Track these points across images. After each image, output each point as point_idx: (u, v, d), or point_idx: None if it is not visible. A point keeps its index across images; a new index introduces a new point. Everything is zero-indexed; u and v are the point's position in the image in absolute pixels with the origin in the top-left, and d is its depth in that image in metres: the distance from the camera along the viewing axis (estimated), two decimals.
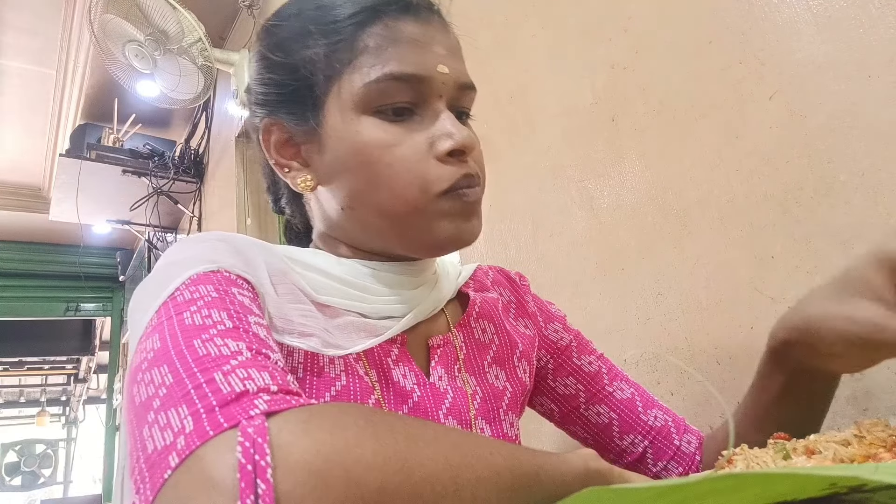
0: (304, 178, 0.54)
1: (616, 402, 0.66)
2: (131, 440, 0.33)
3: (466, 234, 0.53)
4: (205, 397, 0.32)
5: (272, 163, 0.56)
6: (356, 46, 0.51)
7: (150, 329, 0.39)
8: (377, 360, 0.52)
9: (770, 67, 0.76)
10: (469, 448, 0.33)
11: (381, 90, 0.50)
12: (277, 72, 0.55)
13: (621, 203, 0.97)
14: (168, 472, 0.29)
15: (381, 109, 0.50)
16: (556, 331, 0.69)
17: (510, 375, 0.61)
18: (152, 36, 2.13)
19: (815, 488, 0.22)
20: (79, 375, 6.24)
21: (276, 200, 0.64)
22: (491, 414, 0.57)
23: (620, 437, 0.65)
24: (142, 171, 2.91)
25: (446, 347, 0.58)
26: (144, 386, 0.35)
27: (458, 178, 0.51)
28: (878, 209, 0.65)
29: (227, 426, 0.30)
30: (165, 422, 0.31)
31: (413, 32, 0.51)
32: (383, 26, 0.51)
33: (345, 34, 0.51)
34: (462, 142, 0.50)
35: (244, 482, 0.27)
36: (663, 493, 0.22)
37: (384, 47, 0.50)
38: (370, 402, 0.49)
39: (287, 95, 0.54)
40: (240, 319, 0.39)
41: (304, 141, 0.54)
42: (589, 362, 0.68)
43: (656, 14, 0.93)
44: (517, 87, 1.21)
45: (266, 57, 0.56)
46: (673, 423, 0.66)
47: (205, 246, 0.47)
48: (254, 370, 0.34)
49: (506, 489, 0.33)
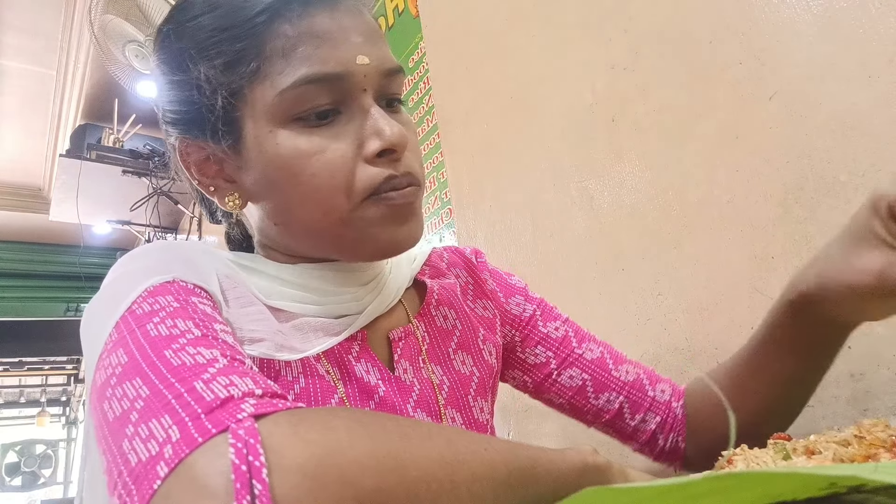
0: (231, 197, 0.51)
1: (587, 362, 0.65)
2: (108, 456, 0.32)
3: (403, 239, 0.50)
4: (188, 406, 0.31)
5: (195, 183, 0.53)
6: (262, 51, 0.46)
7: (112, 344, 0.37)
8: (338, 358, 0.50)
9: (770, 68, 0.76)
10: (464, 444, 0.33)
11: (297, 97, 0.46)
12: (180, 89, 0.50)
13: (621, 203, 0.97)
14: (157, 482, 0.28)
15: (302, 116, 0.46)
16: (518, 303, 0.68)
17: (477, 359, 0.60)
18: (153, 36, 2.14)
19: (815, 488, 0.22)
20: (79, 376, 6.24)
21: (211, 213, 0.61)
22: (460, 402, 0.57)
23: (596, 397, 0.65)
24: (142, 171, 2.91)
25: (408, 339, 0.56)
26: (117, 401, 0.33)
27: (381, 181, 0.47)
28: None
29: (216, 431, 0.29)
30: (148, 433, 0.30)
31: (322, 25, 0.46)
32: (288, 23, 0.46)
33: (246, 39, 0.46)
34: (391, 140, 0.46)
35: (239, 483, 0.27)
36: (663, 492, 0.22)
37: (293, 47, 0.46)
38: (333, 401, 0.48)
39: (196, 113, 0.49)
40: (207, 327, 0.38)
41: (224, 158, 0.50)
42: (555, 328, 0.67)
43: (656, 14, 0.93)
44: (517, 87, 1.21)
45: (164, 73, 0.51)
46: (645, 375, 0.66)
47: (152, 257, 0.45)
48: (235, 376, 0.33)
49: (502, 484, 0.33)
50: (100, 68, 2.64)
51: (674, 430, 0.64)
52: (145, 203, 3.00)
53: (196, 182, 0.52)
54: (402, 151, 0.48)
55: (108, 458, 0.32)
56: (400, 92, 0.52)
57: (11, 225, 4.12)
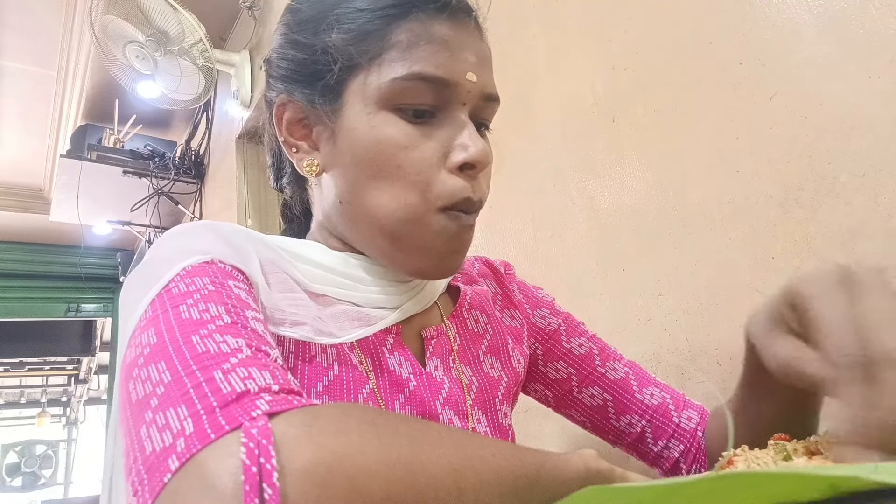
0: (310, 162, 0.53)
1: (609, 382, 0.65)
2: (128, 439, 0.33)
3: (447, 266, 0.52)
4: (204, 397, 0.31)
5: (281, 140, 0.54)
6: (386, 40, 0.49)
7: (145, 322, 0.38)
8: (372, 349, 0.51)
9: (770, 68, 0.76)
10: (472, 450, 0.33)
11: (406, 88, 0.48)
12: (300, 50, 0.53)
13: (622, 203, 0.97)
14: (168, 475, 0.28)
15: (402, 108, 0.49)
16: (544, 317, 0.69)
17: (505, 364, 0.61)
18: (153, 37, 2.14)
19: (815, 489, 0.22)
20: (79, 376, 6.24)
21: (277, 178, 0.62)
22: (487, 404, 0.57)
23: (617, 418, 0.64)
24: (142, 171, 2.91)
25: (440, 338, 0.57)
26: (141, 383, 0.34)
27: (460, 200, 0.49)
28: (879, 210, 0.65)
29: (229, 428, 0.29)
30: (164, 422, 0.31)
31: (446, 34, 0.50)
32: (417, 23, 0.49)
33: (376, 25, 0.49)
34: (476, 156, 0.49)
35: (248, 485, 0.26)
36: (663, 493, 0.22)
37: (415, 45, 0.48)
38: (364, 392, 0.48)
39: (307, 76, 0.52)
40: (237, 314, 0.39)
41: (317, 123, 0.53)
42: (579, 344, 0.67)
43: (657, 15, 0.93)
44: (517, 88, 1.21)
45: (290, 32, 0.54)
46: (672, 400, 0.65)
47: (195, 236, 0.46)
48: (254, 369, 0.33)
49: (508, 491, 0.33)
50: (100, 69, 2.64)
51: (697, 461, 0.63)
52: (146, 203, 3.00)
53: (282, 139, 0.54)
54: (482, 169, 0.51)
55: (127, 440, 0.33)
56: (490, 119, 0.55)
57: (12, 225, 4.12)
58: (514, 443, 0.50)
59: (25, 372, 5.94)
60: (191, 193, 3.12)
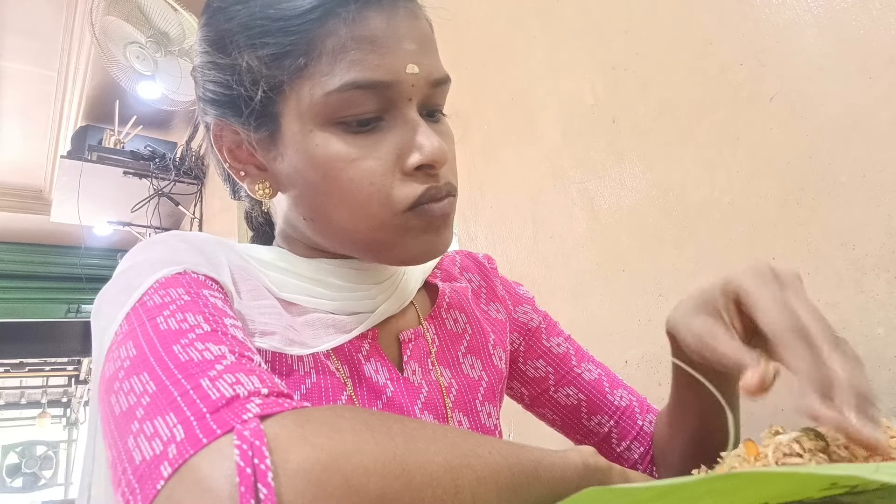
0: (261, 185, 0.50)
1: (584, 383, 0.65)
2: (113, 451, 0.32)
3: (435, 248, 0.50)
4: (193, 404, 0.31)
5: (226, 167, 0.52)
6: (312, 49, 0.45)
7: (122, 336, 0.37)
8: (348, 356, 0.50)
9: (771, 69, 0.76)
10: (468, 448, 0.33)
11: (343, 100, 0.45)
12: (221, 71, 0.48)
13: (622, 204, 0.97)
14: (161, 482, 0.28)
15: (344, 120, 0.45)
16: (526, 312, 0.68)
17: (486, 364, 0.60)
18: (153, 38, 2.14)
19: (815, 488, 0.22)
20: (80, 377, 6.24)
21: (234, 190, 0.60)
22: (468, 406, 0.56)
23: (588, 418, 0.65)
24: (143, 172, 2.92)
25: (418, 341, 0.56)
26: (124, 395, 0.33)
27: (421, 193, 0.47)
28: (879, 210, 0.65)
29: (221, 432, 0.29)
30: (152, 431, 0.30)
31: (377, 28, 0.45)
32: (343, 23, 0.44)
33: (297, 34, 0.45)
34: (432, 156, 0.46)
35: (244, 486, 0.26)
36: (663, 493, 0.22)
37: (345, 49, 0.44)
38: (342, 398, 0.48)
39: (235, 99, 0.48)
40: (216, 322, 0.38)
41: (259, 147, 0.49)
42: (557, 344, 0.67)
43: (657, 15, 0.93)
44: (517, 88, 1.21)
45: (207, 51, 0.50)
46: (637, 403, 0.66)
47: (166, 247, 0.45)
48: (241, 374, 0.33)
49: (505, 488, 0.33)
50: (101, 70, 2.64)
51: (654, 463, 0.64)
52: (146, 204, 3.01)
53: (227, 165, 0.52)
54: (440, 167, 0.48)
55: (113, 453, 0.32)
56: (443, 102, 0.52)
57: (12, 226, 4.12)
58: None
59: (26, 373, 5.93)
60: (191, 194, 3.13)
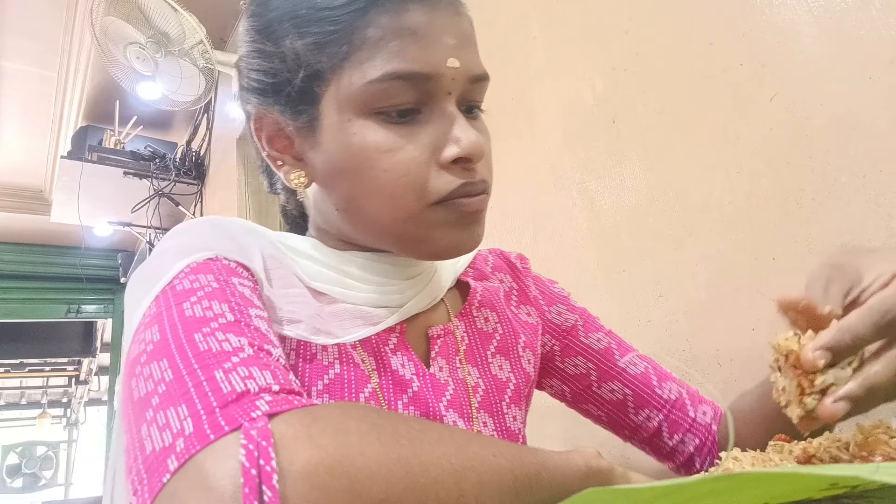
0: (297, 175, 0.50)
1: (629, 377, 0.64)
2: (129, 437, 0.33)
3: (465, 243, 0.50)
4: (205, 397, 0.31)
5: (265, 154, 0.52)
6: (354, 38, 0.45)
7: (149, 319, 0.38)
8: (374, 349, 0.50)
9: (771, 69, 0.76)
10: (473, 450, 0.33)
11: (383, 90, 0.45)
12: (265, 59, 0.49)
13: (622, 204, 0.97)
14: (167, 475, 0.28)
15: (383, 110, 0.46)
16: (560, 312, 0.67)
17: (514, 365, 0.59)
18: (154, 38, 2.14)
19: (816, 488, 0.22)
20: (80, 377, 6.24)
21: (271, 184, 0.60)
22: (493, 407, 0.55)
23: (636, 413, 0.64)
24: (143, 172, 2.91)
25: (447, 338, 0.56)
26: (143, 380, 0.34)
27: (456, 187, 0.47)
28: (879, 211, 0.65)
29: (229, 429, 0.29)
30: (164, 421, 0.31)
31: (419, 21, 0.45)
32: (385, 14, 0.45)
33: (341, 23, 0.45)
34: (469, 150, 0.46)
35: (248, 487, 0.26)
36: (663, 493, 0.22)
37: (386, 40, 0.45)
38: (366, 391, 0.48)
39: (278, 86, 0.49)
40: (241, 312, 0.38)
41: (297, 136, 0.50)
42: (598, 339, 0.66)
43: (657, 16, 0.93)
44: (518, 89, 1.21)
45: (253, 40, 0.51)
46: (688, 395, 0.65)
47: (199, 232, 0.46)
48: (255, 368, 0.33)
49: (508, 491, 0.33)
50: (101, 70, 2.64)
51: (711, 454, 0.63)
52: (146, 205, 3.00)
53: (265, 153, 0.52)
54: (477, 161, 0.48)
55: (129, 438, 0.33)
56: (481, 99, 0.52)
57: (13, 227, 4.12)
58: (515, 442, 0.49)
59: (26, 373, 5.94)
60: (191, 194, 3.13)
